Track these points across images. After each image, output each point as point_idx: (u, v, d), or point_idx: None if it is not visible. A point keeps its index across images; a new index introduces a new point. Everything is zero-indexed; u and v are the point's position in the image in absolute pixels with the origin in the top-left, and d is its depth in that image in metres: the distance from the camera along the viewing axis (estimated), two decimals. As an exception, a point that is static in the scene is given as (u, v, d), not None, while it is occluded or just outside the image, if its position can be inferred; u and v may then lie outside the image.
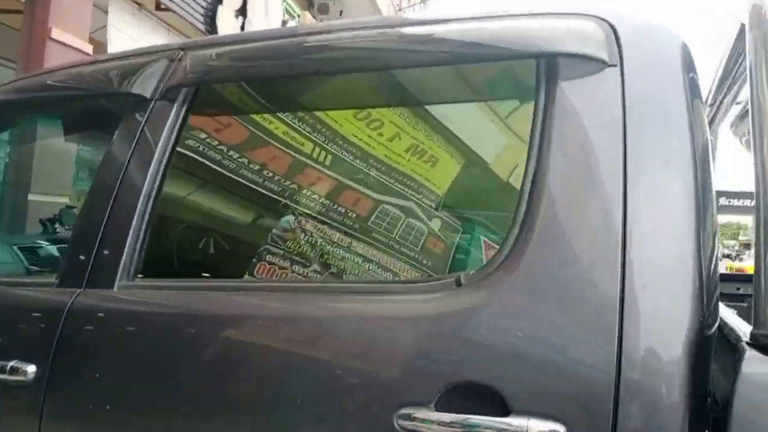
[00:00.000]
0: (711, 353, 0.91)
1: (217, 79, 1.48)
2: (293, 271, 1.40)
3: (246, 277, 1.43)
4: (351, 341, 1.07)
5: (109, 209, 1.31)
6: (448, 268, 1.81)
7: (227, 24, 8.09)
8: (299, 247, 1.42)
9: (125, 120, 1.42)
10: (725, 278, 2.44)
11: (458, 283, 1.02)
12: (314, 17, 12.28)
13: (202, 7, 7.66)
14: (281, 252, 1.41)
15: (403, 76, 1.42)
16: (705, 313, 0.89)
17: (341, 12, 12.68)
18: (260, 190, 1.45)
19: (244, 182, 1.47)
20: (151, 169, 1.32)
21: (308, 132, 1.48)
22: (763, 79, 0.89)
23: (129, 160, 1.34)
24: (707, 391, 0.89)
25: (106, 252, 1.29)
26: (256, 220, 1.61)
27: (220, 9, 7.95)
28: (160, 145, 1.34)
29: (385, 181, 1.53)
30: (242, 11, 8.54)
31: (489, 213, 1.84)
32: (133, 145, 1.36)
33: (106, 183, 1.36)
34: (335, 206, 1.45)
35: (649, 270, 0.90)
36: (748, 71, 0.93)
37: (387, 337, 1.04)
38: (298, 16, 11.84)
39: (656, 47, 1.06)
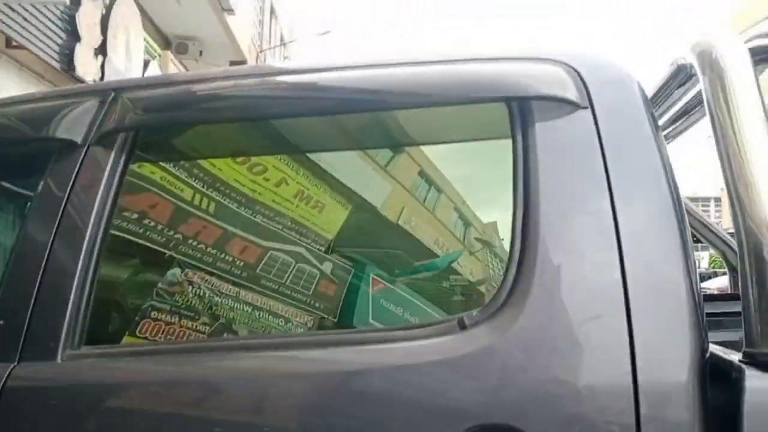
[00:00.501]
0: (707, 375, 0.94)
1: (162, 123, 1.38)
2: (181, 326, 1.30)
3: (219, 335, 1.35)
4: (359, 396, 1.02)
5: (43, 268, 1.15)
6: (339, 308, 1.79)
7: (86, 63, 7.65)
8: (187, 301, 1.32)
9: (52, 167, 1.27)
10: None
11: (462, 325, 0.99)
12: (174, 57, 11.98)
13: (58, 44, 7.19)
14: (168, 307, 1.31)
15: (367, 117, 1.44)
16: (703, 336, 0.93)
17: (201, 52, 12.45)
18: (144, 242, 1.35)
19: (128, 235, 1.35)
20: (93, 219, 1.18)
21: (186, 178, 1.39)
22: (726, 119, 0.95)
23: (63, 210, 1.19)
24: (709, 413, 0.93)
25: (43, 318, 1.12)
26: (142, 274, 1.49)
27: (78, 47, 7.49)
28: (101, 193, 1.20)
29: (273, 228, 1.48)
30: (102, 50, 8.14)
31: (378, 251, 1.83)
32: (67, 194, 1.21)
33: (36, 238, 1.21)
34: (222, 255, 1.37)
35: (650, 296, 0.94)
36: (708, 113, 0.99)
37: (397, 387, 0.99)
38: (159, 56, 11.52)
39: (618, 87, 1.12)
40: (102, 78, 7.93)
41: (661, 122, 1.60)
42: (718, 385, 0.92)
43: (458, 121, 1.43)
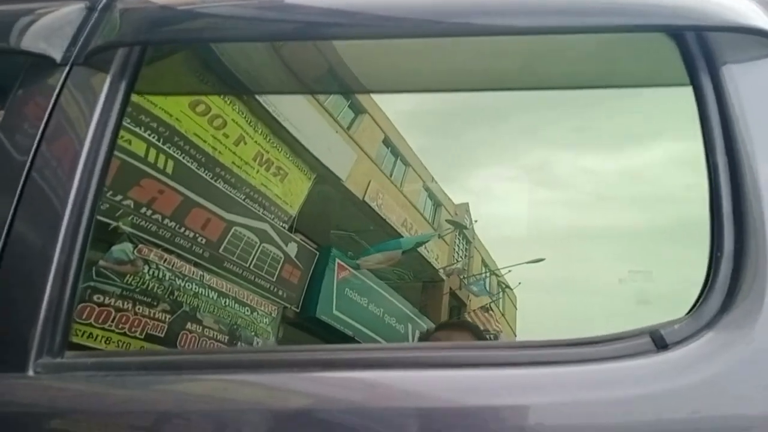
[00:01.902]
0: None
1: (173, 40, 1.00)
2: (136, 313, 1.01)
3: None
4: None
5: (2, 242, 0.76)
6: (302, 296, 1.53)
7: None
8: (142, 284, 1.03)
9: (20, 93, 0.88)
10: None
11: (661, 343, 0.67)
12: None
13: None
14: (117, 290, 1.01)
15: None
16: None
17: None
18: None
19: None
20: (81, 170, 0.80)
21: (138, 127, 1.07)
22: None
23: (35, 154, 0.81)
24: None
25: (7, 313, 0.75)
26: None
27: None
28: (92, 129, 0.82)
29: (236, 197, 1.23)
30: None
31: (343, 233, 1.62)
32: (41, 130, 0.83)
33: None
34: (182, 229, 1.10)
35: None
36: None
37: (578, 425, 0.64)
38: None
39: None
40: None
41: None
42: None
43: (593, 61, 1.09)
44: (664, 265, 1.23)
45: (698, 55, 0.80)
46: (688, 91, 0.82)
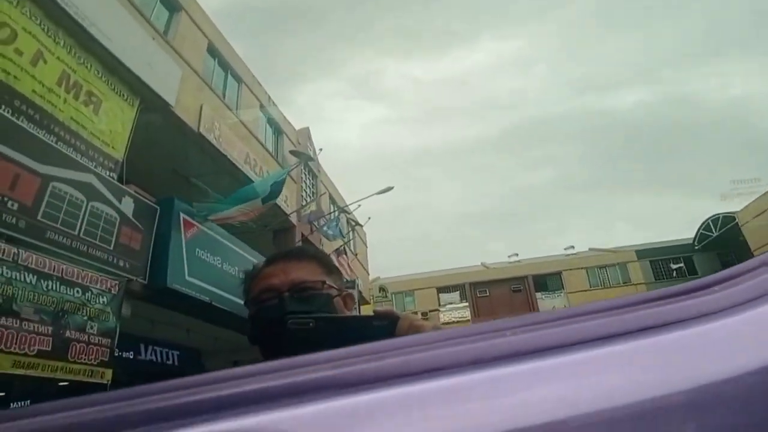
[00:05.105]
0: None
1: None
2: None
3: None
4: None
5: None
6: (148, 264, 1.24)
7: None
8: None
9: None
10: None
11: None
12: None
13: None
14: None
15: None
16: None
17: None
18: None
19: None
20: None
21: None
22: None
23: None
24: None
25: None
26: None
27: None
28: None
29: (48, 140, 0.93)
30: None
31: (184, 180, 1.35)
32: None
33: None
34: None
35: None
36: None
37: None
38: None
39: None
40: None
41: None
42: None
43: None
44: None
45: None
46: None
